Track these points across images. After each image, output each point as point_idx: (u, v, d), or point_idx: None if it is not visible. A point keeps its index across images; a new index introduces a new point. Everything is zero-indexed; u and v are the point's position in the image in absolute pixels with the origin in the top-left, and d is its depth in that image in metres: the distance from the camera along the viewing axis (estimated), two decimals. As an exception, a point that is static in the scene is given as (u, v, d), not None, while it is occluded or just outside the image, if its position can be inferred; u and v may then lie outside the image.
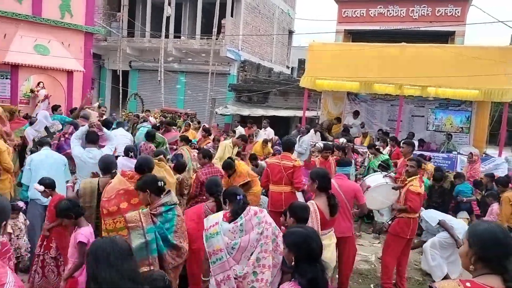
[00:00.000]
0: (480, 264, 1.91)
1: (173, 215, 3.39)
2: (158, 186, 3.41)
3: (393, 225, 5.35)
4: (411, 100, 12.84)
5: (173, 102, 19.18)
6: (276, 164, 5.96)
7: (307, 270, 2.23)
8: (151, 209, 3.32)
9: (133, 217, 3.24)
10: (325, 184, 4.03)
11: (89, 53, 15.09)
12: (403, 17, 15.88)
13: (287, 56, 26.64)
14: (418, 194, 5.11)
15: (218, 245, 3.01)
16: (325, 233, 4.02)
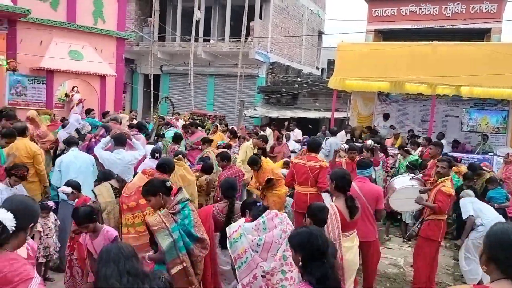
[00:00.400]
0: (492, 266, 1.83)
1: (189, 210, 3.43)
2: (167, 186, 3.44)
3: (423, 228, 5.16)
4: (444, 100, 12.46)
5: (203, 105, 19.37)
6: (301, 165, 5.90)
7: (316, 269, 2.19)
8: (169, 209, 3.34)
9: (155, 220, 3.26)
10: (342, 184, 3.94)
11: (121, 58, 15.44)
12: (436, 15, 15.44)
13: (316, 57, 26.43)
14: (449, 196, 4.91)
15: (243, 246, 3.01)
16: (347, 235, 3.93)
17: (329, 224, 3.67)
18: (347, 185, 4.01)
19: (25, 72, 12.65)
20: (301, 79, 19.33)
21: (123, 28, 15.41)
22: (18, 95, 12.68)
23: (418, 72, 10.75)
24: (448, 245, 7.20)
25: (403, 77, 11.04)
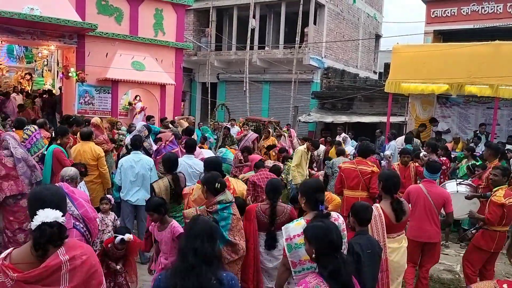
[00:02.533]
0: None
1: (229, 213, 3.53)
2: (215, 186, 3.58)
3: (477, 236, 5.00)
4: (510, 102, 11.78)
5: (258, 111, 19.67)
6: (352, 169, 5.89)
7: (328, 262, 2.26)
8: (208, 207, 3.50)
9: (191, 213, 3.46)
10: (388, 186, 3.89)
11: (180, 67, 16.11)
12: (500, 13, 14.68)
13: (374, 61, 25.92)
14: (500, 206, 4.69)
15: (306, 256, 2.86)
16: (393, 236, 3.91)
17: (373, 224, 3.68)
18: (394, 187, 3.96)
19: (92, 83, 13.60)
20: (358, 83, 19.06)
21: (182, 39, 16.09)
22: (86, 104, 13.64)
23: (479, 73, 10.29)
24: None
25: (463, 78, 10.59)
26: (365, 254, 3.11)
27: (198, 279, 2.15)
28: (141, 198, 5.89)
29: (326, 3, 19.54)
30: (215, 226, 2.44)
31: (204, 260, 2.20)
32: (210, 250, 2.24)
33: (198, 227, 2.31)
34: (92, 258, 2.16)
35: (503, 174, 4.92)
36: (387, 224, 3.78)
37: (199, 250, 2.20)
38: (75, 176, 4.28)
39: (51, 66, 17.93)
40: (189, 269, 2.17)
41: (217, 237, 2.40)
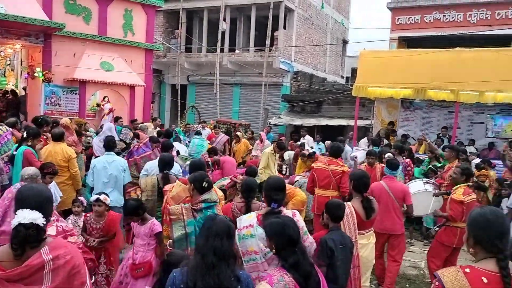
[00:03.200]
0: (478, 247, 2.02)
1: (213, 213, 3.61)
2: (202, 185, 3.66)
3: (439, 233, 5.31)
4: (469, 106, 12.35)
5: (228, 114, 19.76)
6: (323, 169, 6.07)
7: (287, 256, 2.39)
8: (193, 205, 3.59)
9: (176, 210, 3.53)
10: (359, 185, 4.15)
11: (150, 68, 15.99)
12: (460, 22, 15.39)
13: (341, 66, 26.52)
14: (460, 203, 5.00)
15: (252, 247, 3.05)
16: (363, 233, 4.13)
17: (345, 222, 3.85)
18: (364, 186, 4.20)
19: (59, 83, 13.31)
20: (326, 87, 19.48)
21: (151, 40, 15.98)
22: (53, 105, 13.33)
23: (441, 78, 10.73)
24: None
25: (426, 83, 11.03)
26: (338, 249, 3.27)
27: (219, 277, 2.22)
28: (114, 200, 5.85)
29: (296, 8, 19.88)
30: (232, 225, 2.51)
31: (223, 258, 2.27)
32: (228, 249, 2.32)
33: (217, 226, 2.36)
34: (76, 258, 2.16)
35: (462, 173, 5.25)
36: (357, 222, 3.97)
37: (218, 249, 2.27)
38: (35, 175, 4.21)
39: (14, 65, 17.38)
40: (210, 268, 2.24)
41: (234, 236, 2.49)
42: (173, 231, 3.49)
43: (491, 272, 1.95)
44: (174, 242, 3.51)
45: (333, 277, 3.22)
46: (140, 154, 7.11)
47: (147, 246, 4.00)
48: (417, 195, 5.71)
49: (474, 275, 1.95)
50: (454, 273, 1.99)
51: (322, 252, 3.27)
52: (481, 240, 2.01)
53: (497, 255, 1.96)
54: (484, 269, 1.96)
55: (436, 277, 2.04)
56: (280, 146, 8.13)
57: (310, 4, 21.24)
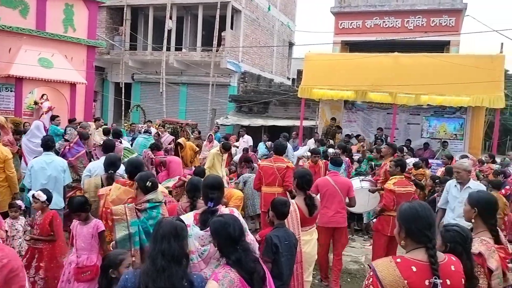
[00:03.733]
0: (408, 239, 2.20)
1: (158, 213, 3.56)
2: (145, 184, 3.61)
3: (375, 223, 5.77)
4: (406, 109, 13.05)
5: (175, 113, 19.50)
6: (269, 167, 6.22)
7: (229, 253, 2.46)
8: (136, 204, 3.54)
9: (119, 210, 3.46)
10: (302, 183, 4.28)
11: (92, 66, 15.44)
12: (398, 27, 16.22)
13: (287, 68, 27.00)
14: (390, 191, 5.37)
15: (190, 247, 2.96)
16: (306, 229, 4.25)
17: (289, 219, 3.97)
18: (307, 184, 4.34)
19: (-7, 79, 12.56)
20: (273, 88, 19.76)
21: (94, 36, 15.45)
22: (-15, 103, 12.53)
23: (380, 81, 11.29)
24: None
25: (366, 86, 11.55)
26: (283, 245, 3.36)
27: (169, 280, 2.21)
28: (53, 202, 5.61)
29: (243, 9, 19.99)
30: (181, 224, 2.47)
31: (173, 260, 2.25)
32: (178, 250, 2.30)
33: (164, 229, 2.34)
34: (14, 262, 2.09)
35: (396, 165, 5.64)
36: (301, 218, 4.11)
37: (166, 251, 2.26)
38: None
39: None
40: (160, 271, 2.22)
41: (185, 235, 2.45)
42: (116, 232, 3.42)
43: (420, 261, 2.11)
44: (116, 243, 3.44)
45: (277, 273, 3.31)
46: (74, 155, 6.81)
47: (90, 248, 3.88)
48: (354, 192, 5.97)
49: (404, 264, 2.11)
50: (387, 263, 2.14)
51: (267, 248, 3.34)
52: (411, 232, 2.17)
53: (426, 244, 2.13)
54: (414, 259, 2.12)
55: (371, 267, 2.18)
56: (225, 147, 8.16)
57: (257, 6, 21.45)
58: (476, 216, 2.94)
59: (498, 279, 2.80)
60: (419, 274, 2.09)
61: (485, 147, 13.71)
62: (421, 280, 2.07)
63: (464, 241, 2.61)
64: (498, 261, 2.82)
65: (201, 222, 3.11)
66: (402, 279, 2.07)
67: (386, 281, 2.08)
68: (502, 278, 2.82)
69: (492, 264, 2.76)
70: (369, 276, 2.18)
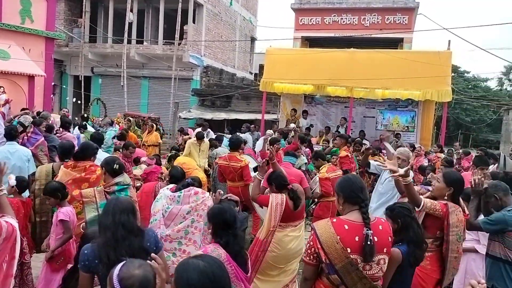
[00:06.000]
0: (345, 204, 2.61)
1: (126, 195, 3.78)
2: (113, 167, 3.83)
3: (316, 209, 6.11)
4: (363, 102, 13.65)
5: (137, 107, 19.40)
6: (225, 166, 6.44)
7: (222, 235, 2.77)
8: (105, 187, 3.75)
9: (89, 193, 3.69)
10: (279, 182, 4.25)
11: (50, 58, 15.15)
12: (355, 24, 16.84)
13: (250, 62, 27.30)
14: (326, 179, 5.86)
15: (158, 208, 3.52)
16: (295, 224, 4.23)
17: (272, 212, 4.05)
18: (284, 181, 4.28)
19: None
20: (235, 82, 20.02)
21: (53, 28, 15.15)
22: None
23: (338, 76, 11.79)
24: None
25: (325, 80, 12.02)
26: None
27: (130, 247, 2.44)
28: (17, 191, 5.67)
29: (205, 3, 20.09)
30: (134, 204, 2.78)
31: (131, 231, 2.51)
32: (134, 223, 2.58)
33: (123, 204, 2.59)
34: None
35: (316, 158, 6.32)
36: (288, 214, 4.09)
37: (126, 223, 2.50)
38: None
39: None
40: (121, 240, 2.45)
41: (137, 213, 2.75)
42: (86, 213, 3.63)
43: (353, 221, 2.51)
44: (87, 224, 3.64)
45: None
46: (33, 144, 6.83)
47: (56, 236, 4.00)
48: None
49: (338, 223, 2.50)
50: (325, 223, 2.54)
51: None
52: (347, 195, 2.58)
53: (360, 204, 2.53)
54: (348, 219, 2.52)
55: (312, 227, 2.57)
56: (197, 136, 8.46)
57: (219, 0, 21.59)
58: (449, 194, 3.32)
59: (456, 235, 3.25)
60: (350, 231, 2.47)
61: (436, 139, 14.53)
62: (351, 236, 2.45)
63: (410, 212, 3.03)
64: (460, 221, 3.26)
65: (176, 189, 3.63)
66: (335, 235, 2.44)
67: (322, 237, 2.45)
68: (460, 236, 3.27)
69: (452, 220, 3.21)
70: (310, 235, 2.55)
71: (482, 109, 37.33)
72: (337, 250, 2.42)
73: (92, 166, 4.28)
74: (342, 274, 2.44)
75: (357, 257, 2.43)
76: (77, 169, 4.26)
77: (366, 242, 2.40)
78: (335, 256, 2.42)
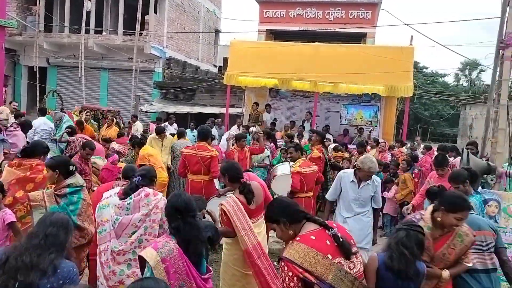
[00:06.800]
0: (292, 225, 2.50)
1: (79, 198, 3.50)
2: (69, 169, 3.51)
3: None
4: (327, 97, 13.66)
5: (95, 100, 18.66)
6: (193, 155, 6.12)
7: (171, 221, 2.63)
8: (56, 190, 3.43)
9: (37, 196, 3.35)
10: (233, 175, 3.98)
11: (1, 47, 14.24)
12: (319, 18, 16.85)
13: (214, 55, 26.88)
14: (297, 173, 5.73)
15: (106, 216, 3.19)
16: (253, 221, 3.92)
17: (234, 216, 3.71)
18: (238, 173, 3.99)
19: None
20: (199, 75, 19.62)
21: (4, 15, 14.22)
22: None
23: (303, 70, 11.71)
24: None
25: (290, 74, 11.92)
26: None
27: (37, 258, 2.18)
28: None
29: (167, -7, 19.53)
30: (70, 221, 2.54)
31: (53, 245, 2.27)
32: (63, 238, 2.34)
33: (57, 217, 2.40)
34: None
35: (296, 149, 6.09)
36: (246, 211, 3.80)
37: (52, 234, 2.28)
38: None
39: None
40: (34, 248, 2.20)
41: (71, 232, 2.48)
42: (34, 218, 3.30)
43: (314, 230, 2.45)
44: None
45: None
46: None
47: (5, 241, 3.63)
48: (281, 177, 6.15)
49: (304, 239, 2.42)
50: (292, 247, 2.41)
51: None
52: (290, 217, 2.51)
53: (305, 217, 2.53)
54: (308, 231, 2.46)
55: (282, 259, 2.40)
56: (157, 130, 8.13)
57: (182, -10, 21.07)
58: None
59: None
60: (319, 239, 2.39)
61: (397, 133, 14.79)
62: (323, 243, 2.40)
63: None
64: None
65: (124, 193, 3.23)
66: (310, 248, 2.36)
67: (299, 260, 2.33)
68: None
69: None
70: (283, 268, 2.36)
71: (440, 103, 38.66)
72: (320, 262, 2.34)
73: (38, 165, 3.95)
74: (337, 285, 2.35)
75: (340, 259, 2.39)
76: (22, 167, 3.92)
77: (338, 240, 2.39)
78: (322, 270, 2.33)
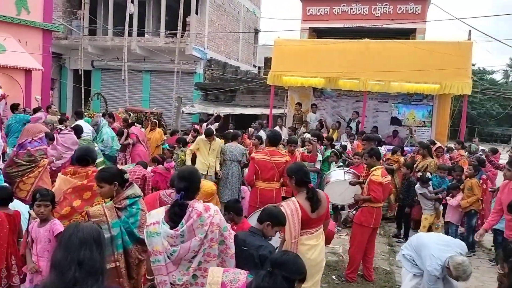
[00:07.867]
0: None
1: (138, 209, 3.22)
2: (123, 177, 3.24)
3: (357, 215, 5.43)
4: (375, 96, 13.02)
5: (138, 102, 18.80)
6: (267, 161, 5.76)
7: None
8: (115, 203, 3.14)
9: (97, 212, 3.05)
10: (301, 177, 3.73)
11: (48, 51, 14.54)
12: (366, 14, 16.19)
13: (253, 55, 26.64)
14: (379, 184, 5.16)
15: (158, 246, 2.73)
16: (311, 232, 3.70)
17: (290, 220, 3.48)
18: (306, 177, 3.77)
19: None
20: (239, 76, 19.37)
21: (50, 19, 14.53)
22: None
23: (350, 68, 11.17)
24: (383, 232, 7.57)
25: (337, 73, 11.39)
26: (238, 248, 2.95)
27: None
28: None
29: (208, -6, 19.41)
30: (102, 231, 2.04)
31: (91, 273, 1.79)
32: (99, 261, 1.84)
33: (83, 232, 1.86)
34: None
35: (370, 155, 5.44)
36: (304, 219, 3.60)
37: (86, 260, 1.78)
38: None
39: None
40: (70, 286, 1.74)
41: (106, 244, 2.09)
42: None
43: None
44: None
45: None
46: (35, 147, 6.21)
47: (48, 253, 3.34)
48: (336, 183, 5.76)
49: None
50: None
51: None
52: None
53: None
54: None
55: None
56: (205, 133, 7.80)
57: (222, -9, 20.92)
58: None
59: None
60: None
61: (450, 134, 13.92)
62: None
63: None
64: None
65: (169, 217, 2.77)
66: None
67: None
68: None
69: None
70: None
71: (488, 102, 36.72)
72: None
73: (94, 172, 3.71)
74: None
75: None
76: (78, 175, 3.71)
77: None
78: None
